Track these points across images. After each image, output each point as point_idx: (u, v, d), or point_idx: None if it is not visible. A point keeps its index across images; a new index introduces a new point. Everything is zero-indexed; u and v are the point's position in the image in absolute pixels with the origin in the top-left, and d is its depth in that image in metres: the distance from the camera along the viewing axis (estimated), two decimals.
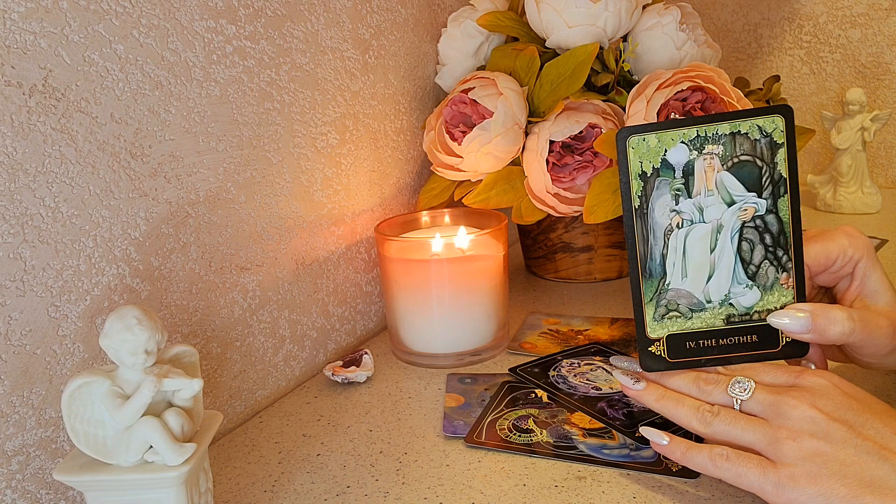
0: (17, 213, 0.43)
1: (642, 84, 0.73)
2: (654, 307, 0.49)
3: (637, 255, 0.49)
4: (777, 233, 0.48)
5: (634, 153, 0.48)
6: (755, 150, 0.47)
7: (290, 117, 0.64)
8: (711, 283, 0.48)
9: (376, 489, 0.50)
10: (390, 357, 0.71)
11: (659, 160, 0.48)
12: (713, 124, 0.47)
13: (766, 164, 0.47)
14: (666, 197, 0.48)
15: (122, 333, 0.39)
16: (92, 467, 0.40)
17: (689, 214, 0.48)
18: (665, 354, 0.49)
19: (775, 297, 0.48)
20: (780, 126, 0.47)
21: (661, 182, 0.48)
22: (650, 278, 0.49)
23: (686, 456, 0.46)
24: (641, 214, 0.48)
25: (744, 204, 0.48)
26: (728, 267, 0.48)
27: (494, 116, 0.73)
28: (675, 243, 0.48)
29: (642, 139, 0.47)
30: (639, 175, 0.48)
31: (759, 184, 0.47)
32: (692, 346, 0.49)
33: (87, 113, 0.46)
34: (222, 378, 0.59)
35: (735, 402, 0.46)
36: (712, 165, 0.47)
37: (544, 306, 0.82)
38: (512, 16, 0.82)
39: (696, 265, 0.48)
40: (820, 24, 1.25)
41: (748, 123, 0.47)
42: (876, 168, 1.26)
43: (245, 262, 0.60)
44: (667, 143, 0.47)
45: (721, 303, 0.49)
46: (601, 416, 0.56)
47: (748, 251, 0.48)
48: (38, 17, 0.43)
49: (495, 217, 0.72)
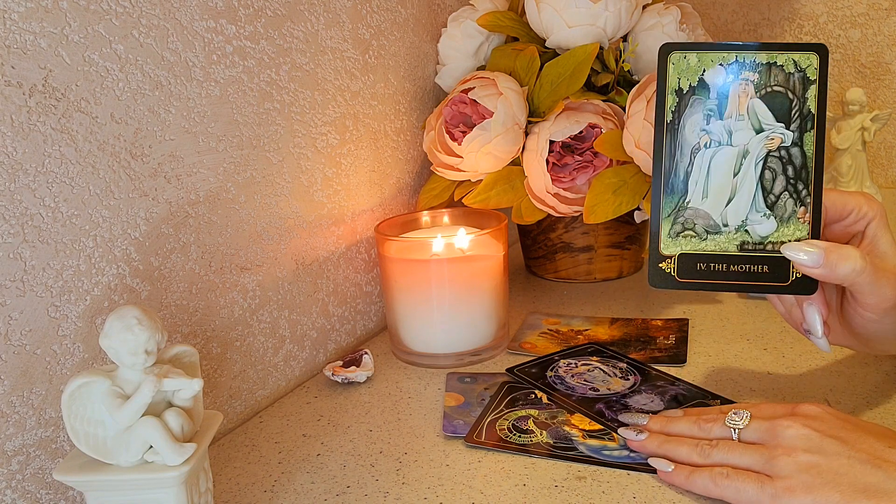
0: (17, 213, 0.43)
1: (642, 84, 0.73)
2: (671, 223, 0.50)
3: (661, 169, 0.49)
4: (800, 166, 0.49)
5: (674, 68, 0.49)
6: (788, 82, 0.48)
7: (290, 117, 0.64)
8: (730, 207, 0.49)
9: (376, 489, 0.50)
10: (390, 357, 0.71)
11: (697, 78, 0.49)
12: (752, 52, 0.48)
13: (797, 98, 0.48)
14: (698, 115, 0.49)
15: (122, 333, 0.39)
16: (92, 467, 0.40)
17: (717, 136, 0.49)
18: (675, 273, 0.50)
19: (791, 230, 0.49)
20: (814, 63, 0.48)
21: (695, 100, 0.49)
22: (671, 194, 0.49)
23: (689, 480, 0.47)
24: (672, 129, 0.49)
25: (771, 133, 0.49)
26: (749, 193, 0.49)
27: (494, 116, 0.73)
28: (701, 162, 0.49)
29: (683, 56, 0.49)
30: (675, 90, 0.49)
31: (788, 116, 0.49)
32: (702, 267, 0.50)
33: (87, 113, 0.46)
34: (222, 378, 0.59)
35: (733, 432, 0.47)
36: (746, 91, 0.49)
37: (544, 306, 0.82)
38: (512, 16, 0.82)
39: (718, 187, 0.49)
40: (820, 24, 1.25)
41: (785, 56, 0.48)
42: (876, 168, 1.26)
43: (245, 262, 0.60)
44: (706, 63, 0.49)
45: (737, 228, 0.49)
46: (599, 418, 0.56)
47: (770, 180, 0.49)
48: (38, 17, 0.43)
49: (495, 217, 0.72)
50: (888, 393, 0.57)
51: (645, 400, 0.58)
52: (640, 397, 0.59)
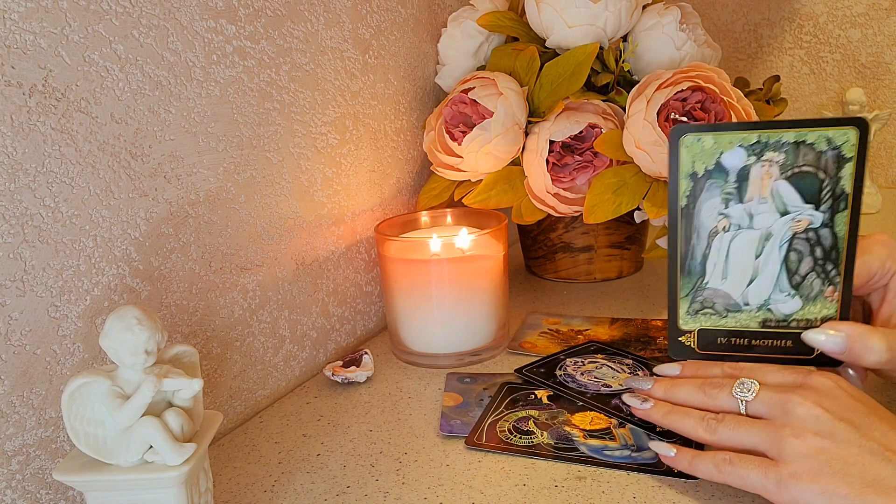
0: (17, 213, 0.43)
1: (642, 84, 0.73)
2: (689, 302, 0.48)
3: (678, 252, 0.47)
4: (829, 247, 0.46)
5: (688, 152, 0.46)
6: (819, 161, 0.45)
7: (290, 117, 0.64)
8: (752, 288, 0.47)
9: (376, 489, 0.50)
10: (390, 357, 0.71)
11: (713, 162, 0.46)
12: (777, 131, 0.45)
13: (829, 177, 0.45)
14: (716, 199, 0.46)
15: (122, 333, 0.39)
16: (92, 467, 0.40)
17: (737, 220, 0.46)
18: (695, 345, 0.48)
19: (817, 308, 0.47)
20: (852, 139, 0.45)
21: (711, 184, 0.46)
22: (689, 276, 0.48)
23: (692, 465, 0.46)
24: (687, 214, 0.47)
25: (798, 215, 0.46)
26: (772, 274, 0.47)
27: (494, 116, 0.73)
28: (720, 245, 0.47)
29: (697, 139, 0.46)
30: (689, 175, 0.46)
31: (818, 196, 0.45)
32: (723, 341, 0.48)
33: (87, 113, 0.46)
34: (222, 378, 0.59)
35: (740, 403, 0.46)
36: (770, 173, 0.46)
37: (544, 306, 0.82)
38: (512, 16, 0.82)
39: (739, 269, 0.47)
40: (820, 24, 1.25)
41: (816, 134, 0.45)
42: (876, 168, 1.26)
43: (245, 262, 0.60)
44: (724, 145, 0.46)
45: (759, 307, 0.47)
46: (616, 413, 0.56)
47: (795, 261, 0.47)
48: (38, 17, 0.43)
49: (495, 217, 0.72)
50: (890, 393, 0.57)
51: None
52: None
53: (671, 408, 0.49)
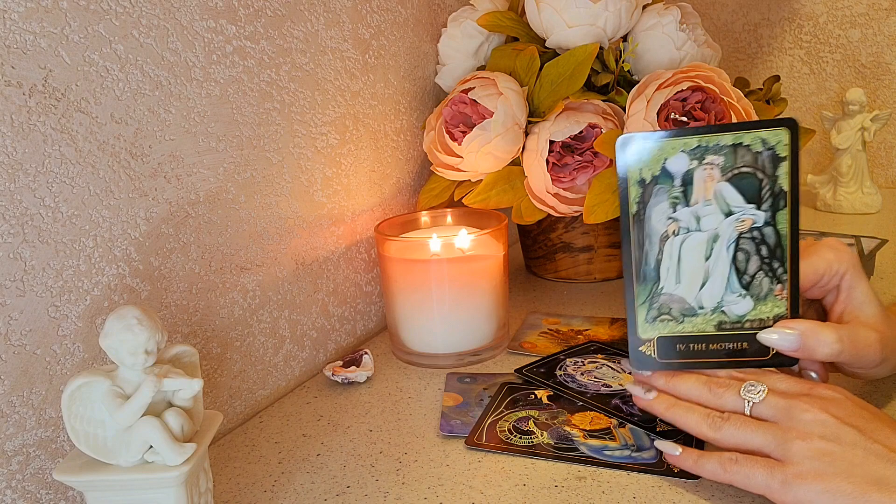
0: (17, 213, 0.43)
1: (642, 84, 0.73)
2: (647, 309, 0.49)
3: (632, 258, 0.49)
4: (774, 245, 0.48)
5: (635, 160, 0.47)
6: (756, 162, 0.47)
7: (290, 117, 0.64)
8: (705, 291, 0.48)
9: (376, 489, 0.50)
10: (390, 357, 0.71)
11: (659, 168, 0.47)
12: (715, 135, 0.47)
13: (767, 177, 0.47)
14: (664, 204, 0.48)
15: (122, 333, 0.39)
16: (92, 467, 0.40)
17: (685, 222, 0.48)
18: (655, 355, 0.50)
19: (768, 308, 0.48)
20: (784, 139, 0.46)
21: (659, 189, 0.48)
22: (644, 282, 0.49)
23: (698, 464, 0.46)
24: (638, 220, 0.48)
25: (742, 215, 0.47)
26: (722, 275, 0.48)
27: (494, 116, 0.73)
28: (671, 250, 0.48)
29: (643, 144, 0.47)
30: (638, 182, 0.48)
31: (759, 196, 0.47)
32: (682, 348, 0.49)
33: (87, 113, 0.46)
34: (222, 378, 0.59)
35: (746, 404, 0.46)
36: (712, 176, 0.47)
37: (544, 306, 0.82)
38: (512, 16, 0.82)
39: (691, 272, 0.48)
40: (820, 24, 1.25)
41: (751, 135, 0.46)
42: (876, 168, 1.26)
43: (245, 262, 0.60)
44: (667, 151, 0.47)
45: (713, 310, 0.49)
46: (616, 413, 0.56)
47: (743, 261, 0.48)
48: (38, 17, 0.43)
49: (495, 217, 0.72)
50: (888, 393, 0.57)
51: None
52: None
53: (674, 401, 0.49)
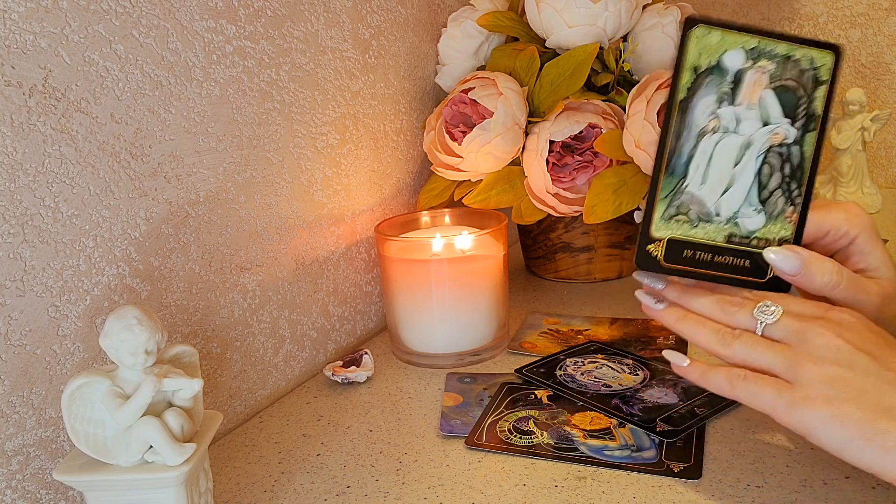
0: (17, 213, 0.43)
1: (642, 84, 0.73)
2: (666, 205, 0.49)
3: (666, 147, 0.48)
4: (796, 166, 0.48)
5: (696, 43, 0.47)
6: (801, 78, 0.47)
7: (290, 117, 0.64)
8: (725, 197, 0.48)
9: (376, 489, 0.50)
10: (390, 357, 0.71)
11: (716, 59, 0.47)
12: (774, 41, 0.47)
13: (806, 96, 0.47)
14: (712, 97, 0.47)
15: (122, 333, 0.39)
16: (92, 467, 0.40)
17: (726, 122, 0.48)
18: (661, 256, 0.49)
19: (777, 228, 0.49)
20: (828, 63, 0.47)
21: (710, 81, 0.47)
22: (671, 175, 0.48)
23: (705, 377, 0.45)
24: (683, 108, 0.48)
25: (777, 128, 0.48)
26: (745, 185, 0.48)
27: (494, 116, 0.73)
28: (706, 147, 0.48)
29: (707, 32, 0.47)
30: (693, 67, 0.47)
31: (795, 112, 0.48)
32: (688, 254, 0.49)
33: (87, 113, 0.46)
34: (222, 378, 0.59)
35: (759, 324, 0.45)
36: (761, 81, 0.47)
37: (544, 306, 0.82)
38: (512, 16, 0.82)
39: (718, 174, 0.48)
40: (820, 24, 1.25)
41: (803, 51, 0.47)
42: (876, 168, 1.26)
43: (245, 262, 0.60)
44: (728, 43, 0.47)
45: (728, 219, 0.49)
46: (617, 413, 0.56)
47: (767, 175, 0.48)
48: (38, 17, 0.43)
49: (495, 217, 0.72)
50: None
51: (659, 394, 0.58)
52: (653, 391, 0.59)
53: (684, 313, 0.48)
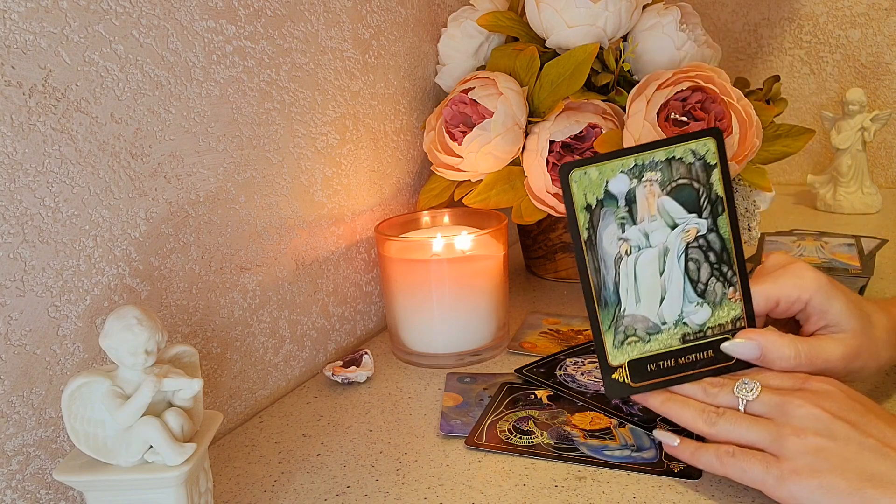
0: (17, 213, 0.43)
1: (642, 84, 0.73)
2: (613, 334, 0.50)
3: (591, 285, 0.50)
4: (720, 250, 0.49)
5: (578, 186, 0.49)
6: (690, 173, 0.49)
7: (290, 117, 0.64)
8: (664, 306, 0.50)
9: (376, 489, 0.50)
10: (390, 357, 0.71)
11: (602, 191, 0.49)
12: (649, 152, 0.49)
13: (703, 186, 0.49)
14: (612, 226, 0.49)
15: (122, 333, 0.39)
16: (92, 467, 0.40)
17: (635, 241, 0.49)
18: (628, 380, 0.51)
19: (725, 312, 0.50)
20: (711, 148, 0.48)
21: (606, 212, 0.49)
22: (606, 307, 0.50)
23: (695, 456, 0.47)
24: (591, 245, 0.49)
25: (686, 225, 0.49)
26: (678, 288, 0.50)
27: (494, 116, 0.73)
28: (626, 270, 0.49)
29: (584, 172, 0.49)
30: (584, 207, 0.49)
31: (699, 205, 0.49)
32: (653, 368, 0.50)
33: (87, 113, 0.46)
34: (222, 378, 0.59)
35: (740, 402, 0.47)
36: (653, 191, 0.49)
37: (544, 306, 0.82)
38: (512, 16, 0.82)
39: (648, 289, 0.50)
40: (820, 24, 1.25)
41: (682, 148, 0.48)
42: (876, 168, 1.26)
43: (245, 262, 0.60)
44: (607, 174, 0.49)
45: (675, 323, 0.50)
46: (617, 413, 0.56)
47: (695, 270, 0.49)
48: (38, 17, 0.43)
49: (495, 217, 0.72)
50: (888, 392, 0.57)
51: None
52: None
53: (670, 395, 0.50)
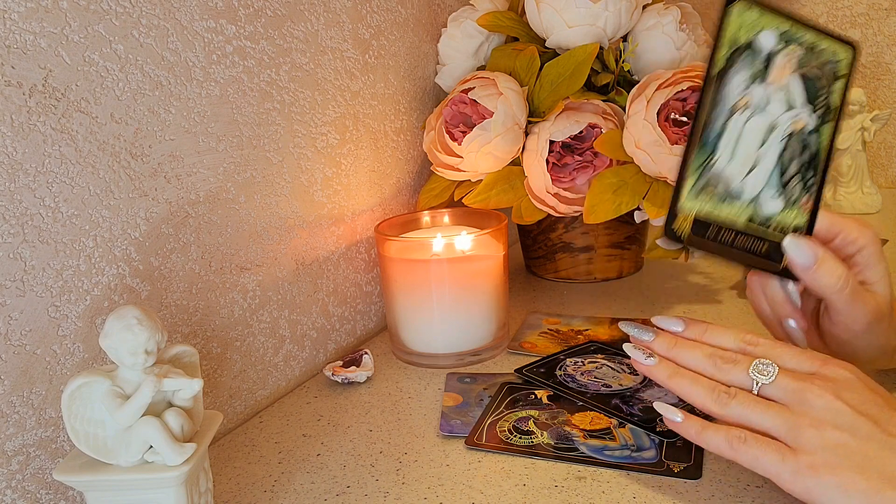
0: (17, 213, 0.43)
1: (642, 84, 0.73)
2: (697, 177, 0.48)
3: (701, 119, 0.48)
4: (814, 154, 0.49)
5: (736, 18, 0.47)
6: (824, 68, 0.49)
7: (290, 117, 0.64)
8: (749, 177, 0.49)
9: (376, 489, 0.50)
10: (390, 357, 0.71)
11: (753, 35, 0.48)
12: (804, 28, 0.48)
13: (827, 87, 0.49)
14: (745, 73, 0.48)
15: (122, 333, 0.39)
16: (92, 467, 0.40)
17: (756, 100, 0.48)
18: (687, 231, 0.48)
19: (793, 216, 0.49)
20: (847, 58, 0.49)
21: (745, 57, 0.48)
22: (703, 148, 0.48)
23: (701, 436, 0.44)
24: (719, 81, 0.48)
25: (799, 113, 0.49)
26: (768, 167, 0.49)
27: (494, 116, 0.73)
28: (736, 124, 0.48)
29: (748, 8, 0.47)
30: (732, 41, 0.48)
31: (816, 101, 0.49)
32: (711, 234, 0.49)
33: (87, 113, 0.46)
34: (222, 378, 0.59)
35: (755, 384, 0.44)
36: (789, 65, 0.48)
37: (544, 306, 0.82)
38: (512, 16, 0.82)
39: (745, 153, 0.48)
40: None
41: (827, 42, 0.49)
42: (876, 168, 1.26)
43: (245, 262, 0.60)
44: (764, 23, 0.48)
45: (750, 200, 0.49)
46: (617, 413, 0.56)
47: (788, 160, 0.49)
48: (38, 17, 0.43)
49: (495, 217, 0.72)
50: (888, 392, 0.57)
51: (659, 393, 0.59)
52: (653, 391, 0.59)
53: (677, 369, 0.47)
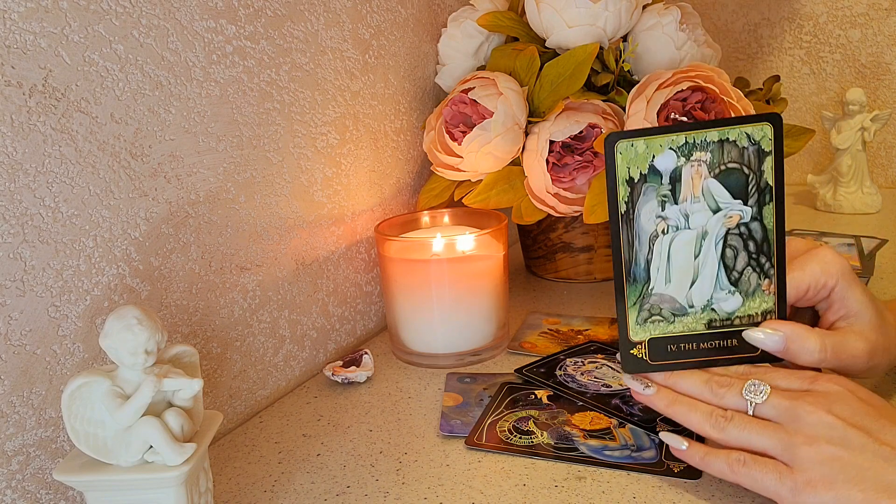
0: (17, 213, 0.43)
1: (642, 84, 0.73)
2: (638, 311, 0.49)
3: (622, 259, 0.49)
4: (761, 240, 0.48)
5: (622, 158, 0.47)
6: (743, 157, 0.47)
7: (290, 117, 0.64)
8: (694, 289, 0.49)
9: (376, 489, 0.50)
10: (390, 357, 0.71)
11: (647, 166, 0.47)
12: (702, 131, 0.47)
13: (753, 172, 0.47)
14: (652, 203, 0.48)
15: (122, 333, 0.39)
16: (92, 467, 0.40)
17: (674, 221, 0.48)
18: (647, 357, 0.50)
19: (756, 303, 0.49)
20: (768, 134, 0.47)
21: (647, 188, 0.48)
22: (634, 283, 0.49)
23: (704, 461, 0.46)
24: (627, 220, 0.48)
25: (729, 211, 0.48)
26: (711, 273, 0.48)
27: (494, 116, 0.73)
28: (660, 249, 0.48)
29: (630, 144, 0.47)
30: (626, 181, 0.48)
31: (746, 191, 0.47)
32: (673, 349, 0.49)
33: (87, 113, 0.46)
34: (222, 378, 0.59)
35: (749, 405, 0.46)
36: (700, 172, 0.47)
37: (544, 306, 0.82)
38: (512, 16, 0.82)
39: (680, 270, 0.48)
40: (820, 24, 1.25)
41: (737, 131, 0.47)
42: (876, 168, 1.26)
43: (245, 262, 0.60)
44: (655, 149, 0.47)
45: (703, 308, 0.49)
46: (617, 413, 0.56)
47: (731, 258, 0.48)
48: (38, 17, 0.43)
49: (495, 217, 0.72)
50: (888, 393, 0.57)
51: None
52: None
53: (676, 397, 0.48)
